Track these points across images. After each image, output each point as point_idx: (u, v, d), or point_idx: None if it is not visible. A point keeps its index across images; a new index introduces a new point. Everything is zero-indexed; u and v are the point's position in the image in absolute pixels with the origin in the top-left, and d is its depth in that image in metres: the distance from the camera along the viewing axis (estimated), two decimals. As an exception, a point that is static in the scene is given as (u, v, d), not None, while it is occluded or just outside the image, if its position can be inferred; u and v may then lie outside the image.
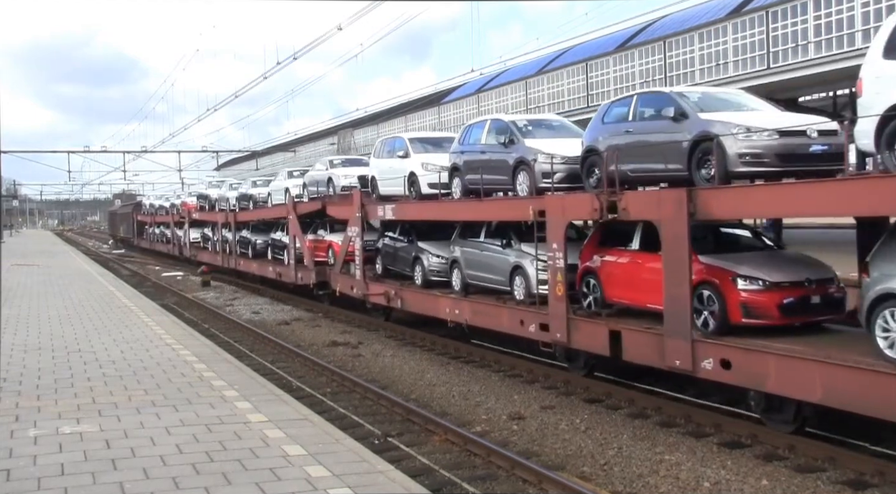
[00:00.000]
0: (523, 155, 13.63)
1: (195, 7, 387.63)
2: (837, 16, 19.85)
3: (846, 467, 8.72)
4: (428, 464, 9.27)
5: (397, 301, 17.91)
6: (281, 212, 26.06)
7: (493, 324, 14.53)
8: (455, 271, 16.08)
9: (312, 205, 23.43)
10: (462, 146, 15.76)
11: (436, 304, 16.38)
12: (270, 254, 28.48)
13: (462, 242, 15.99)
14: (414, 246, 17.88)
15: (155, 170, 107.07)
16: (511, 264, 14.14)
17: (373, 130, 46.51)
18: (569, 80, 29.56)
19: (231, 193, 34.14)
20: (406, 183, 17.61)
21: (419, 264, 17.42)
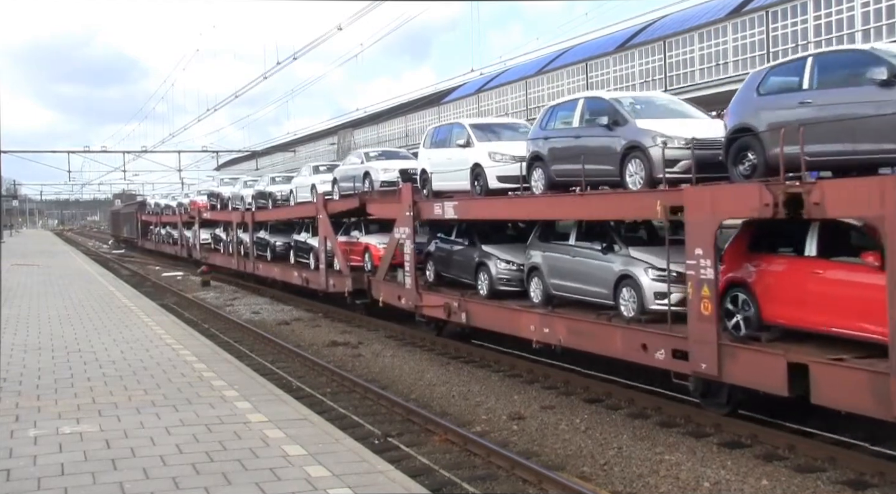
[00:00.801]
0: (635, 138, 11.19)
1: (195, 7, 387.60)
2: (837, 16, 19.87)
3: (846, 467, 8.72)
4: (428, 464, 9.27)
5: (461, 315, 15.23)
6: (308, 211, 23.63)
7: (600, 348, 11.90)
8: (534, 280, 13.85)
9: (347, 202, 20.87)
10: (545, 131, 13.40)
11: (516, 321, 13.78)
12: (293, 258, 26.05)
13: (543, 246, 13.75)
14: (476, 250, 15.58)
15: (155, 170, 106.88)
16: (616, 273, 11.77)
17: (373, 130, 46.55)
18: (569, 80, 29.59)
19: (246, 191, 31.13)
20: (470, 176, 15.17)
21: (484, 271, 15.13)
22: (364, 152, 21.95)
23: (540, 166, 13.34)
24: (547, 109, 13.93)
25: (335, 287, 21.23)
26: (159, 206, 49.87)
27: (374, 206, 19.53)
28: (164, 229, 47.61)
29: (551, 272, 13.36)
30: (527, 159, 13.64)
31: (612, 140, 11.66)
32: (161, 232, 48.32)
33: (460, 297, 15.42)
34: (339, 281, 20.92)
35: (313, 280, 22.99)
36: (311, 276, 23.26)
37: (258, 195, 29.31)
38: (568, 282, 12.99)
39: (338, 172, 22.31)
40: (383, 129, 45.22)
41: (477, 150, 15.19)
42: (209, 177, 68.80)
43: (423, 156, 17.61)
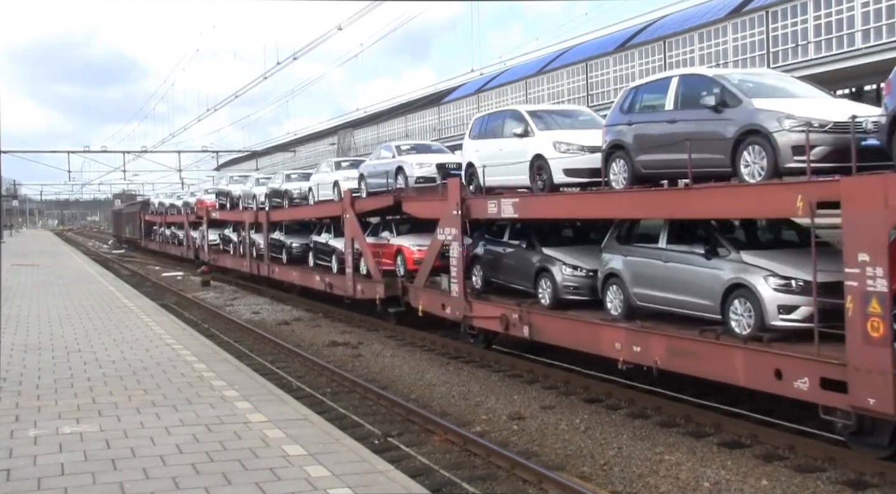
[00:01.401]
0: (753, 121, 9.43)
1: (195, 7, 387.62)
2: (837, 16, 19.89)
3: (846, 467, 8.72)
4: (428, 464, 9.27)
5: (522, 328, 13.36)
6: (331, 210, 22.03)
7: (712, 372, 9.97)
8: (612, 289, 12.00)
9: (379, 200, 19.12)
10: (628, 115, 11.60)
11: (595, 337, 11.88)
12: (312, 260, 24.31)
13: (625, 249, 11.93)
14: (536, 253, 13.83)
15: (155, 170, 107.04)
16: (725, 282, 9.91)
17: (373, 130, 46.55)
18: (569, 80, 29.61)
19: (259, 189, 29.15)
20: (530, 170, 13.35)
21: (547, 278, 13.32)
22: (395, 146, 19.94)
23: (621, 157, 11.45)
24: (628, 91, 12.07)
25: (364, 293, 19.53)
26: (163, 206, 48.36)
27: (411, 205, 17.71)
28: (168, 229, 46.19)
29: (635, 280, 11.48)
30: (604, 149, 11.84)
31: (720, 124, 9.87)
32: (165, 232, 46.86)
33: (521, 308, 13.50)
34: (368, 287, 19.23)
35: (338, 285, 21.23)
36: (336, 281, 21.44)
37: (272, 193, 27.40)
38: (658, 292, 11.07)
39: (365, 168, 20.57)
40: (383, 129, 45.23)
41: (538, 140, 13.32)
42: (209, 177, 68.93)
43: (468, 148, 15.71)
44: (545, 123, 13.85)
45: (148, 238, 53.36)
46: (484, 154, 14.88)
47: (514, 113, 14.66)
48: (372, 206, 19.76)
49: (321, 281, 22.43)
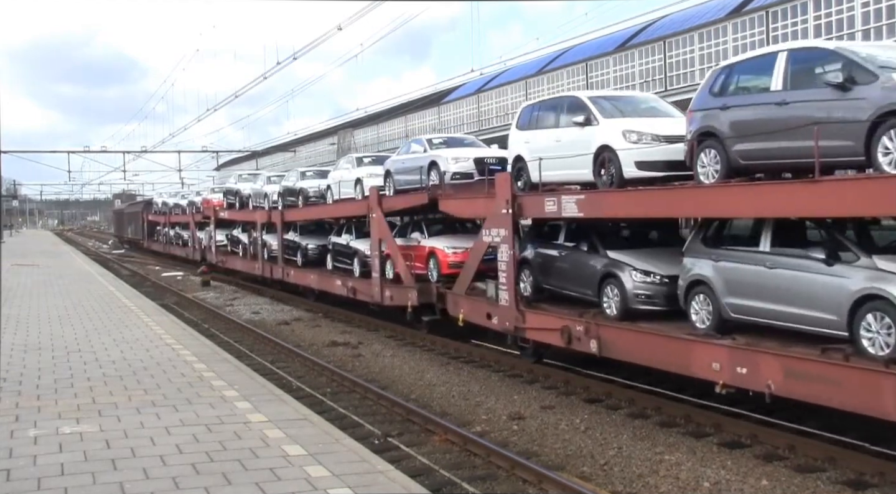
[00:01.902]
0: None
1: (195, 7, 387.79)
2: (837, 16, 19.87)
3: (846, 467, 8.72)
4: (428, 464, 9.27)
5: (589, 342, 11.73)
6: (354, 209, 20.56)
7: (849, 401, 8.25)
8: (698, 298, 10.42)
9: (411, 198, 17.61)
10: (721, 98, 10.02)
11: (686, 354, 10.16)
12: (331, 263, 22.89)
13: (715, 253, 10.31)
14: (600, 257, 12.36)
15: (155, 170, 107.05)
16: (853, 293, 8.37)
17: (373, 130, 46.55)
18: (569, 80, 29.59)
19: (270, 187, 27.74)
20: (594, 162, 11.81)
21: (614, 285, 11.86)
22: (427, 139, 18.41)
23: (713, 146, 9.91)
24: (720, 71, 10.46)
25: (393, 300, 18.00)
26: (167, 205, 46.86)
27: (450, 203, 16.11)
28: (172, 230, 44.78)
29: (730, 288, 9.90)
30: (690, 137, 10.33)
31: (849, 105, 8.39)
32: (169, 232, 45.37)
33: (587, 319, 11.91)
34: (399, 294, 17.73)
35: (363, 290, 19.58)
36: (360, 286, 19.85)
37: (286, 192, 25.81)
38: (761, 303, 9.46)
39: (392, 164, 18.94)
40: (383, 129, 45.22)
41: (604, 129, 11.80)
42: (209, 177, 68.98)
43: (516, 140, 14.13)
44: (610, 110, 12.31)
45: (151, 238, 52.20)
46: (536, 146, 13.37)
47: (574, 99, 13.06)
48: (403, 205, 18.26)
49: (343, 286, 20.90)
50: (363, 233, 20.36)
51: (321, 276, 22.89)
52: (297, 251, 25.14)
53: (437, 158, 16.90)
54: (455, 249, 16.91)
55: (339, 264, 22.22)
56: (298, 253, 25.01)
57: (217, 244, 34.20)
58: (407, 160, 18.24)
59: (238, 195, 31.63)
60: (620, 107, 12.50)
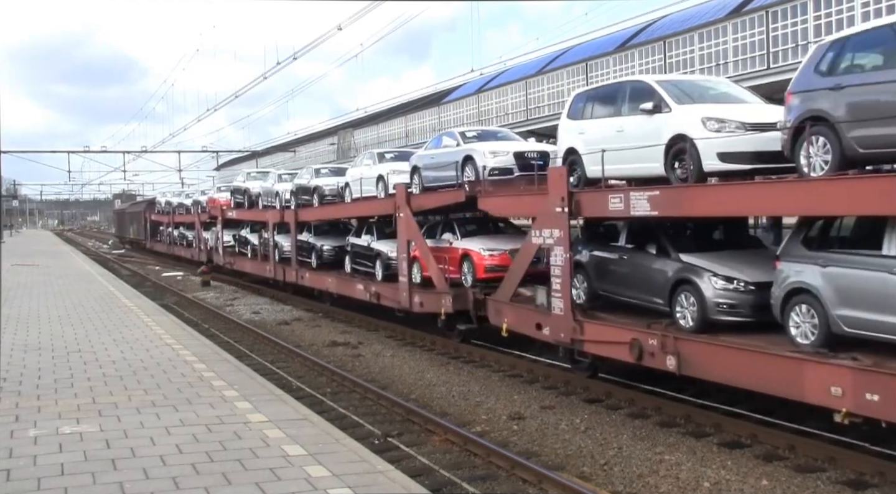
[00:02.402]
0: None
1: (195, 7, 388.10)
2: (837, 16, 19.88)
3: (846, 467, 8.72)
4: (428, 464, 9.27)
5: (666, 358, 10.27)
6: (378, 208, 19.30)
7: None
8: (798, 309, 9.09)
9: (446, 196, 16.17)
10: (832, 77, 8.71)
11: (792, 375, 8.79)
12: (349, 266, 21.60)
13: (820, 256, 8.97)
14: (671, 260, 11.00)
15: (155, 170, 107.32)
16: None
17: (373, 130, 46.56)
18: (569, 80, 29.59)
19: (282, 186, 26.58)
20: (665, 155, 10.57)
21: (689, 293, 10.50)
22: (460, 132, 17.10)
23: (822, 133, 8.65)
24: (828, 46, 9.01)
25: (424, 306, 16.63)
26: (170, 205, 45.49)
27: (491, 201, 14.87)
28: (176, 230, 43.56)
29: (843, 298, 8.53)
30: (792, 123, 8.98)
31: None
32: (174, 233, 44.10)
33: (662, 332, 10.45)
34: (431, 300, 16.33)
35: (388, 295, 18.26)
36: (385, 291, 18.50)
37: (299, 190, 24.62)
38: (886, 317, 8.10)
39: (419, 159, 17.64)
40: (383, 129, 45.24)
41: (678, 117, 10.54)
42: (209, 177, 68.99)
43: (568, 131, 12.92)
44: (682, 96, 11.05)
45: (154, 239, 51.11)
46: (593, 137, 12.10)
47: (640, 85, 11.74)
48: (435, 203, 16.79)
49: (365, 291, 19.45)
50: (385, 234, 19.44)
51: (340, 280, 21.51)
52: (311, 252, 23.96)
53: (473, 152, 15.51)
54: (492, 251, 15.60)
55: (358, 267, 20.95)
56: (313, 255, 23.82)
57: (224, 245, 32.97)
58: (437, 155, 16.87)
59: (247, 194, 30.42)
60: (692, 93, 11.27)
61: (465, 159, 15.70)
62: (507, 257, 14.98)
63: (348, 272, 21.53)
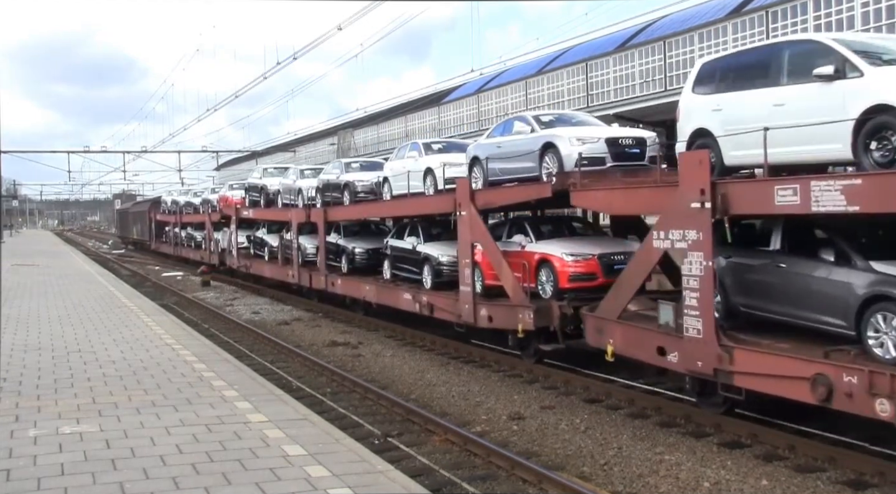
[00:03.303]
0: None
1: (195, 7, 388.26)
2: (837, 16, 19.89)
3: (846, 467, 8.72)
4: (428, 464, 9.27)
5: (874, 402, 7.89)
6: (432, 205, 16.82)
7: None
8: None
9: (527, 190, 13.69)
10: None
11: None
12: (389, 271, 19.10)
13: None
14: (858, 271, 8.64)
15: (155, 171, 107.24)
16: None
17: (373, 130, 46.57)
18: (569, 81, 29.59)
19: (305, 182, 24.23)
20: (854, 133, 8.30)
21: (890, 312, 8.14)
22: (534, 116, 14.50)
23: None
24: None
25: (494, 321, 14.23)
26: (177, 204, 43.31)
27: (590, 196, 12.40)
28: (184, 230, 41.41)
29: None
30: None
31: None
32: (181, 233, 41.87)
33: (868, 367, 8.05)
34: (504, 314, 13.92)
35: (445, 307, 15.81)
36: (440, 301, 16.05)
37: (326, 187, 22.22)
38: None
39: (481, 149, 15.10)
40: (383, 129, 45.25)
41: (874, 82, 8.30)
42: (209, 177, 69.01)
43: (696, 108, 10.66)
44: (874, 57, 8.74)
45: (159, 239, 48.92)
46: (734, 114, 9.92)
47: (809, 45, 9.42)
48: (511, 199, 14.32)
49: (413, 301, 17.07)
50: (433, 236, 17.54)
51: (381, 288, 18.99)
52: (340, 256, 21.68)
53: (556, 139, 13.01)
54: (576, 257, 13.23)
55: (400, 272, 18.56)
56: (343, 259, 21.50)
57: (240, 246, 30.74)
58: (507, 143, 14.30)
59: (263, 191, 28.02)
60: (882, 52, 8.90)
61: (544, 147, 13.22)
62: (596, 264, 13.03)
63: (387, 278, 19.18)
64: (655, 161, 12.00)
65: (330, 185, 22.07)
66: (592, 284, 12.93)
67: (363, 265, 20.80)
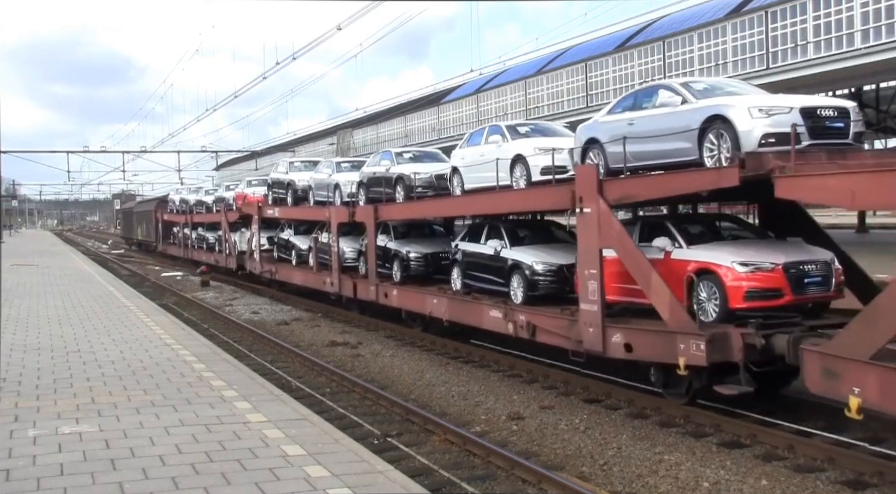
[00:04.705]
0: None
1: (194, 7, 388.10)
2: (837, 16, 19.89)
3: (846, 467, 8.72)
4: (427, 464, 9.27)
5: None
6: (537, 201, 13.75)
7: None
8: None
9: (697, 178, 10.16)
10: None
11: None
12: (459, 281, 15.80)
13: None
14: None
15: (154, 170, 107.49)
16: None
17: (372, 130, 46.59)
18: (568, 81, 29.61)
19: (343, 176, 21.43)
20: None
21: None
22: (682, 83, 11.28)
23: None
24: None
25: (637, 351, 10.78)
26: (186, 203, 40.40)
27: (810, 184, 9.02)
28: (194, 231, 38.48)
29: None
30: None
31: None
32: (191, 234, 38.95)
33: None
34: (655, 343, 10.48)
35: (556, 329, 12.42)
36: (548, 322, 12.65)
37: (372, 181, 19.35)
38: None
39: (602, 129, 12.08)
40: (382, 129, 45.27)
41: None
42: (209, 177, 69.02)
43: None
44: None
45: (166, 241, 46.10)
46: None
47: None
48: (665, 191, 10.94)
49: (506, 321, 13.65)
50: (520, 239, 14.72)
51: (455, 302, 15.63)
52: (390, 261, 18.63)
53: (727, 110, 9.91)
54: (753, 267, 10.06)
55: (474, 282, 15.45)
56: (394, 265, 18.41)
57: (263, 250, 28.00)
58: (644, 119, 11.32)
59: (290, 187, 25.13)
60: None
61: (708, 121, 10.10)
62: (781, 277, 9.97)
63: (457, 289, 15.98)
64: (860, 138, 9.81)
65: (377, 179, 19.07)
66: (776, 303, 9.91)
67: (420, 272, 17.90)
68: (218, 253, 33.59)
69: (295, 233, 25.69)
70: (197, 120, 57.67)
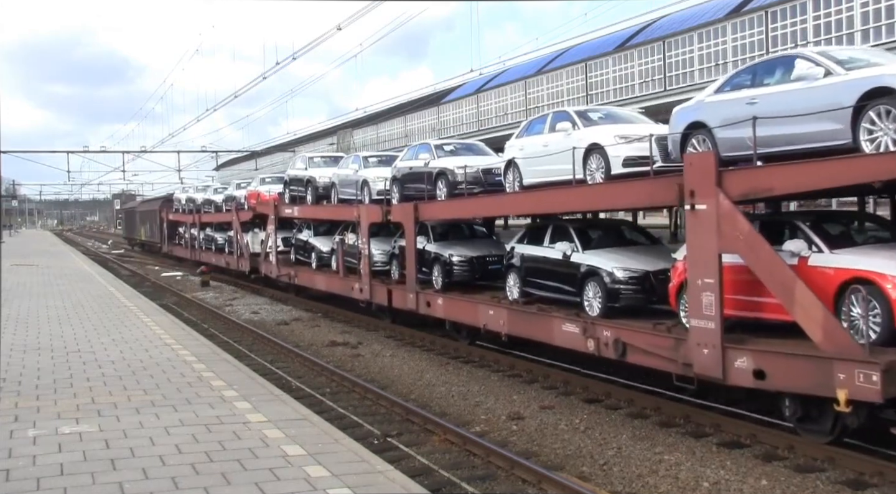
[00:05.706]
0: None
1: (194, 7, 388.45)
2: (837, 16, 19.88)
3: (846, 467, 8.72)
4: (427, 464, 9.27)
5: None
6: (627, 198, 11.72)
7: None
8: None
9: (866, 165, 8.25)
10: None
11: None
12: (517, 289, 14.03)
13: None
14: None
15: (154, 170, 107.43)
16: None
17: (372, 130, 46.59)
18: (568, 81, 29.59)
19: (372, 172, 19.72)
20: None
21: None
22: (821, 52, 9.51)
23: None
24: None
25: (775, 380, 8.93)
26: (193, 202, 38.42)
27: None
28: (202, 231, 36.67)
29: None
30: None
31: None
32: (199, 235, 37.14)
33: None
34: (802, 371, 8.63)
35: (655, 349, 10.54)
36: (644, 340, 10.75)
37: (407, 177, 17.62)
38: None
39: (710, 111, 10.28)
40: (382, 129, 45.27)
41: None
42: (209, 177, 69.00)
43: None
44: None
45: (172, 241, 44.28)
46: None
47: None
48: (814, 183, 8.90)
49: (583, 336, 11.82)
50: (591, 242, 12.92)
51: (518, 315, 13.61)
52: (429, 266, 16.83)
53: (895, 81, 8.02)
54: None
55: (535, 290, 13.73)
56: (435, 270, 16.58)
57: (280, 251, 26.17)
58: (771, 97, 9.43)
59: (310, 185, 23.31)
60: None
61: (867, 97, 8.23)
62: None
63: (514, 298, 14.15)
64: None
65: (414, 175, 17.32)
66: None
67: (464, 278, 16.16)
68: (228, 255, 31.98)
69: (315, 234, 24.08)
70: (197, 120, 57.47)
